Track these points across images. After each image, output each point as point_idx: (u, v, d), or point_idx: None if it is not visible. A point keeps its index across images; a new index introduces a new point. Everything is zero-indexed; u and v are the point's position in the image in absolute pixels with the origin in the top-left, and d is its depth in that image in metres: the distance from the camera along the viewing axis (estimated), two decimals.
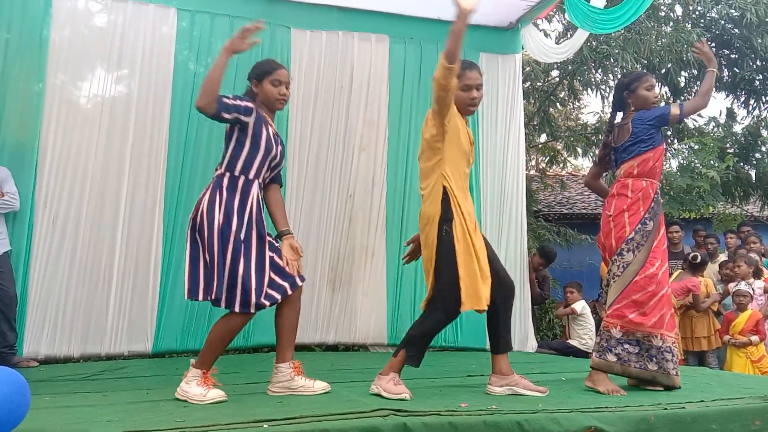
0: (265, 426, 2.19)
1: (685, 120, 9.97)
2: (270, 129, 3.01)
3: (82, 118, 4.72)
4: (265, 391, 2.99)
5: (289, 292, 2.89)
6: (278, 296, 2.86)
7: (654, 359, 3.21)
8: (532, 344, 5.63)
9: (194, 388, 2.76)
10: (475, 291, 2.83)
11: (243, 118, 2.91)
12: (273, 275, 2.87)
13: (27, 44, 4.53)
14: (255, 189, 2.93)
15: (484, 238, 3.08)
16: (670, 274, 6.00)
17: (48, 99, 4.57)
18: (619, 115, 3.58)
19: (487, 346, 3.29)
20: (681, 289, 5.71)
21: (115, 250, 4.67)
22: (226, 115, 2.87)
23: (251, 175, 2.93)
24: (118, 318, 4.65)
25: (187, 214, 4.82)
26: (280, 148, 3.05)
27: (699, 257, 5.95)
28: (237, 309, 2.80)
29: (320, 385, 2.96)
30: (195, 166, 4.86)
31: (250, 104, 2.95)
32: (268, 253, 2.88)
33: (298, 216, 5.20)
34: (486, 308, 2.87)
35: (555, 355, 5.50)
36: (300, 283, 2.94)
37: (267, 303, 2.84)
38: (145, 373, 3.93)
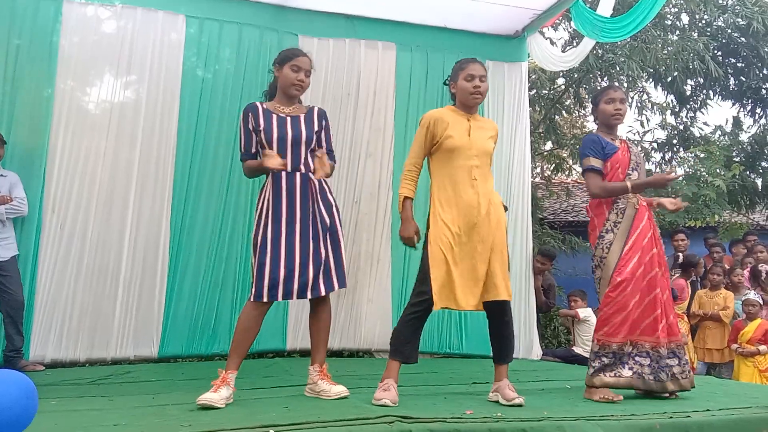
0: (270, 431, 2.19)
1: (691, 129, 9.99)
2: (273, 115, 3.10)
3: (91, 124, 4.75)
4: (271, 396, 3.03)
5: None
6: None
7: (626, 365, 3.20)
8: (537, 352, 5.62)
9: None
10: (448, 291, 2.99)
11: (256, 129, 3.07)
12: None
13: (37, 50, 4.56)
14: (269, 181, 3.07)
15: None
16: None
17: (57, 104, 4.59)
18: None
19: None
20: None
21: (123, 255, 4.68)
22: (251, 149, 3.09)
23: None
24: (124, 322, 4.66)
25: (195, 219, 4.91)
26: (289, 128, 3.11)
27: (680, 257, 5.88)
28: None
29: (336, 390, 2.99)
30: (203, 172, 4.88)
31: (246, 112, 3.11)
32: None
33: None
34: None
35: (560, 363, 5.49)
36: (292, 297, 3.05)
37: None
38: (151, 378, 3.94)
